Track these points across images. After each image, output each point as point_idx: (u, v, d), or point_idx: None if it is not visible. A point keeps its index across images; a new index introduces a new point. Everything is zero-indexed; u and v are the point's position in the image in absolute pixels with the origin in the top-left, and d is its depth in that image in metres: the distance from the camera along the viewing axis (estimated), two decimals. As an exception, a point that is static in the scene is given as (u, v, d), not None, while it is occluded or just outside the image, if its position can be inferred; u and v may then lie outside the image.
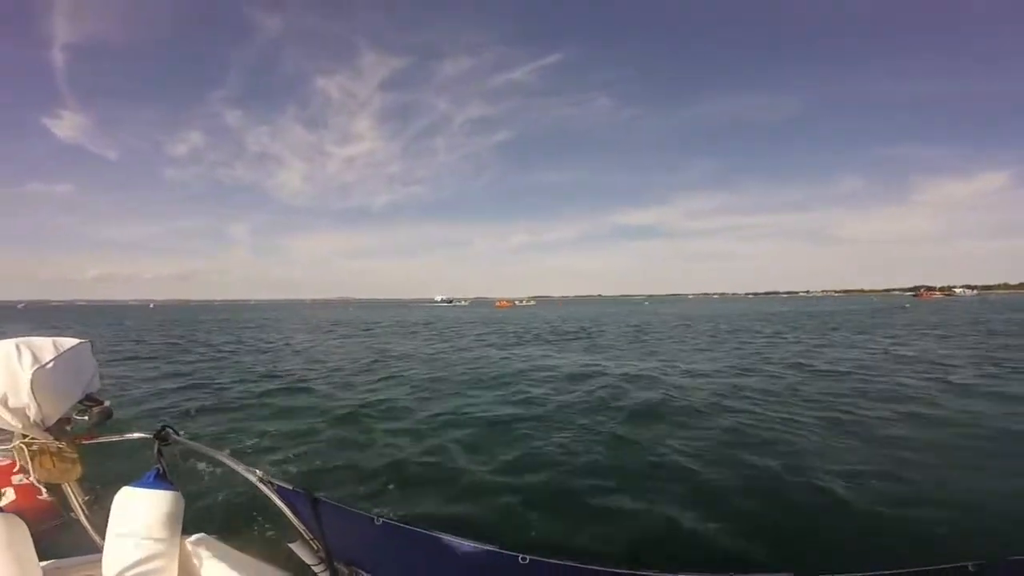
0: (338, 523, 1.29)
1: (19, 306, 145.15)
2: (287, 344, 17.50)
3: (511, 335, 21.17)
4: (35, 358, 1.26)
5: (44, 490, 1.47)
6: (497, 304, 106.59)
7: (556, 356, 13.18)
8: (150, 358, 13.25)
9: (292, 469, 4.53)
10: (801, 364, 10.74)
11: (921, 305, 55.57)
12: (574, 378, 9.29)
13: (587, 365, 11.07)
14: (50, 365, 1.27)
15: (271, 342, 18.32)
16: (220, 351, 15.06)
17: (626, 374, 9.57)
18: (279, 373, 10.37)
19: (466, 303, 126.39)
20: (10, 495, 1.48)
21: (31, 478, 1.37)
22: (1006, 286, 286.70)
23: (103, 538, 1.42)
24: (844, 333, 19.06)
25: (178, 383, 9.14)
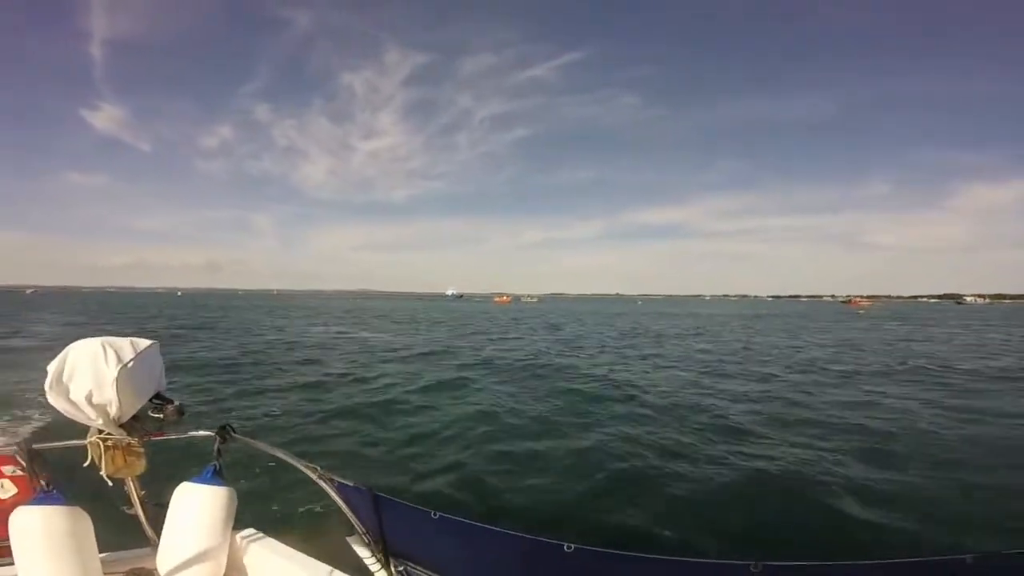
0: (396, 518, 1.37)
1: (28, 292, 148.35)
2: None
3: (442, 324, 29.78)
4: (118, 357, 1.36)
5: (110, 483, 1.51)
6: (496, 300, 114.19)
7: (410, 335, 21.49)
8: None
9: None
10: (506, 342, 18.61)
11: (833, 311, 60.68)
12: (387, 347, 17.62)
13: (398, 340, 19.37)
14: (131, 364, 1.36)
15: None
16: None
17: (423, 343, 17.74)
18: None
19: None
20: (10, 487, 1.50)
21: (101, 472, 1.44)
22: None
23: (157, 532, 1.54)
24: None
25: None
